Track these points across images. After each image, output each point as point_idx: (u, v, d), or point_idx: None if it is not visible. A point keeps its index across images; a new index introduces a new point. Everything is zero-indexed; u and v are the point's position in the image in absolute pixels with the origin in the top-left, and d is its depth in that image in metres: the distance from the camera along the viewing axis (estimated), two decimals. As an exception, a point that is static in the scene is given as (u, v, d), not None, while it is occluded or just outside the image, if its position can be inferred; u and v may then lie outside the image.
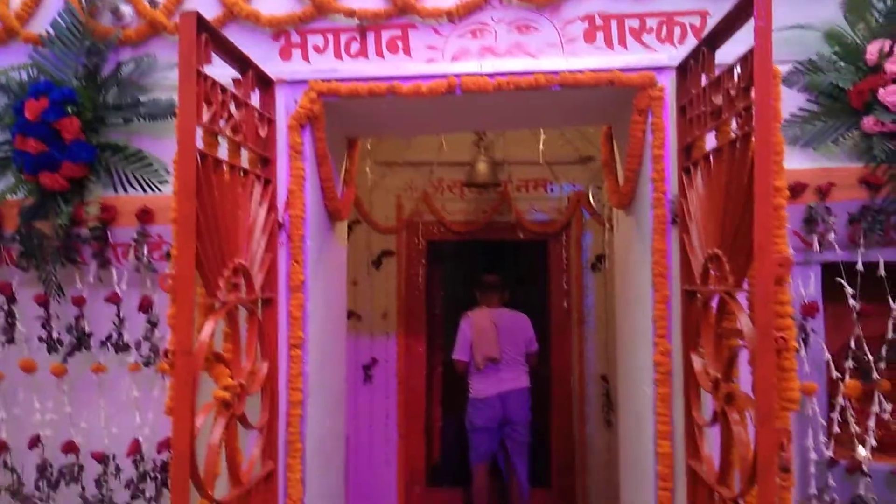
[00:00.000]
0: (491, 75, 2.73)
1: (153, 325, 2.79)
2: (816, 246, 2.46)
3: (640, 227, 2.90)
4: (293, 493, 2.68)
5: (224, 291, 2.21)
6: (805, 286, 2.44)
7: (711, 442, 2.26)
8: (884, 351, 2.41)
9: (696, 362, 2.32)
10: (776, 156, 1.92)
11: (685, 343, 2.47)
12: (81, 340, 2.83)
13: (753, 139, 1.89)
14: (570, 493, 4.87)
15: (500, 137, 5.01)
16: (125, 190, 2.81)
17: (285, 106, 2.83)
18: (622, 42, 2.75)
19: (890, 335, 2.41)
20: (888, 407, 2.39)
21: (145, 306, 2.79)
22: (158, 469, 2.78)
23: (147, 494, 2.77)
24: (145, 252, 2.80)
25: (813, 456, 2.38)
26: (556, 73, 2.71)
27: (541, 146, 4.55)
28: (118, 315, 2.81)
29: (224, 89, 2.24)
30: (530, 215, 4.99)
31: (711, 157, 2.28)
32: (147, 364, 2.79)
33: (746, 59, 1.97)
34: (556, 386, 5.02)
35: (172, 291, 1.99)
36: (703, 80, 2.35)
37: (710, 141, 2.32)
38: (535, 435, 4.63)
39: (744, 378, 2.09)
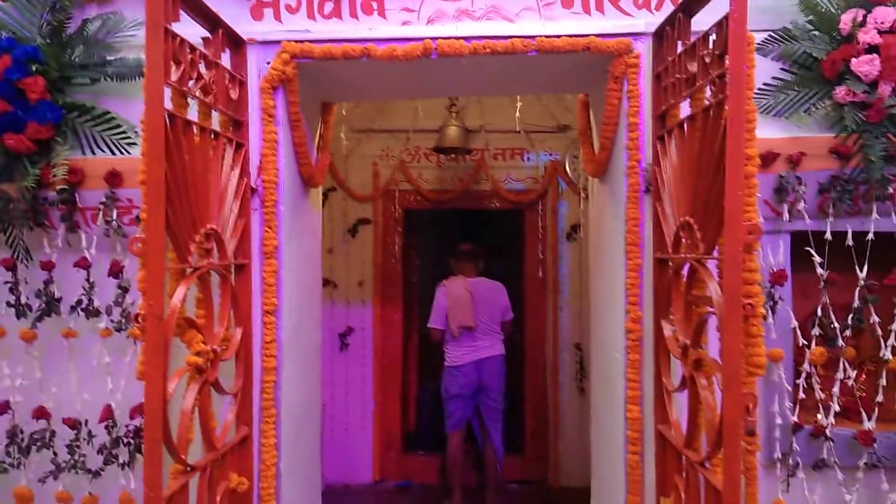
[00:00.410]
0: (467, 39, 2.70)
1: (124, 290, 2.76)
2: (786, 215, 2.49)
3: (615, 195, 2.91)
4: (267, 458, 2.69)
5: (195, 256, 2.18)
6: (774, 255, 2.47)
7: (680, 407, 2.31)
8: (849, 319, 2.46)
9: (667, 329, 2.35)
10: (748, 124, 1.93)
11: (656, 311, 2.50)
12: (51, 305, 2.79)
13: (726, 107, 1.89)
14: (543, 458, 4.95)
15: (476, 105, 4.97)
16: (93, 152, 2.75)
17: (257, 68, 2.78)
18: (599, 7, 2.73)
19: (856, 303, 2.46)
20: (853, 374, 2.45)
21: (115, 271, 2.76)
22: (131, 435, 2.77)
23: (120, 460, 2.76)
24: (114, 216, 2.75)
25: (778, 421, 2.44)
26: (532, 37, 2.69)
27: (517, 114, 4.53)
28: (88, 280, 2.77)
29: (193, 48, 2.19)
30: (506, 184, 4.98)
31: (685, 125, 2.29)
32: (119, 329, 2.76)
33: (721, 26, 1.97)
34: (530, 354, 5.08)
35: (142, 255, 1.96)
36: (679, 47, 2.35)
37: (685, 109, 2.32)
38: (509, 402, 4.68)
39: (712, 345, 2.13)
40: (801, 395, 2.45)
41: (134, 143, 2.72)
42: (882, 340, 2.44)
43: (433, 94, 4.42)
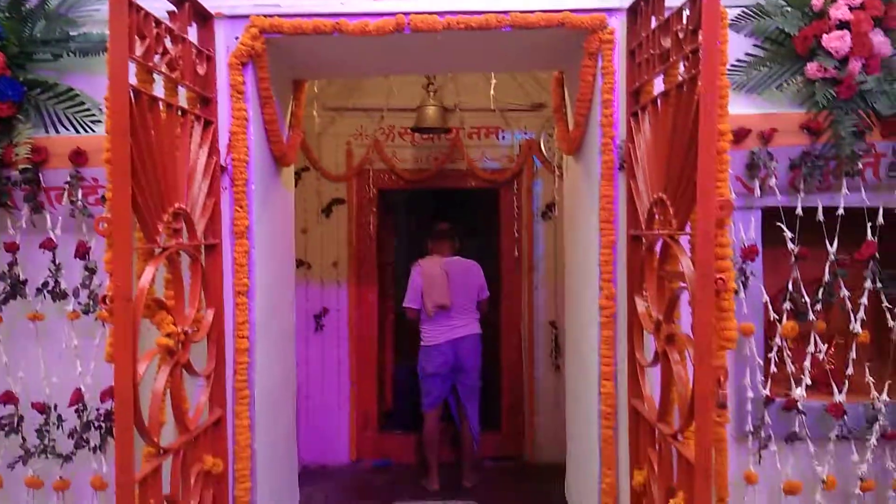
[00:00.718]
0: (440, 14, 2.67)
1: (91, 271, 2.70)
2: (758, 191, 2.51)
3: (589, 173, 2.91)
4: (241, 439, 2.67)
5: (164, 236, 2.14)
6: (746, 230, 2.49)
7: (653, 382, 2.33)
8: (820, 293, 2.50)
9: (640, 305, 2.37)
10: (721, 99, 1.93)
11: (630, 287, 2.51)
12: (16, 288, 2.72)
13: (699, 83, 1.89)
14: (519, 434, 5.00)
15: (451, 83, 4.93)
16: (56, 130, 2.68)
17: (226, 43, 2.72)
18: (574, -18, 2.70)
19: (826, 278, 2.49)
20: (823, 347, 2.49)
21: (82, 252, 2.69)
22: (102, 418, 2.73)
23: (91, 444, 2.72)
24: (80, 195, 2.68)
25: (750, 394, 2.48)
26: (507, 12, 2.66)
27: (492, 92, 4.50)
28: (54, 261, 2.70)
29: (159, 22, 2.13)
30: (482, 163, 4.96)
31: (659, 102, 2.28)
32: (87, 312, 2.71)
33: (695, 1, 1.96)
34: (506, 332, 5.10)
35: (108, 235, 1.92)
36: (653, 23, 2.34)
37: (659, 85, 2.32)
38: (485, 380, 4.70)
39: (684, 320, 2.14)
40: (773, 368, 2.49)
41: (99, 121, 2.65)
42: (852, 314, 2.48)
43: (407, 71, 4.37)
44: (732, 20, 2.57)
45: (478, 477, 4.57)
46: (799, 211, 2.50)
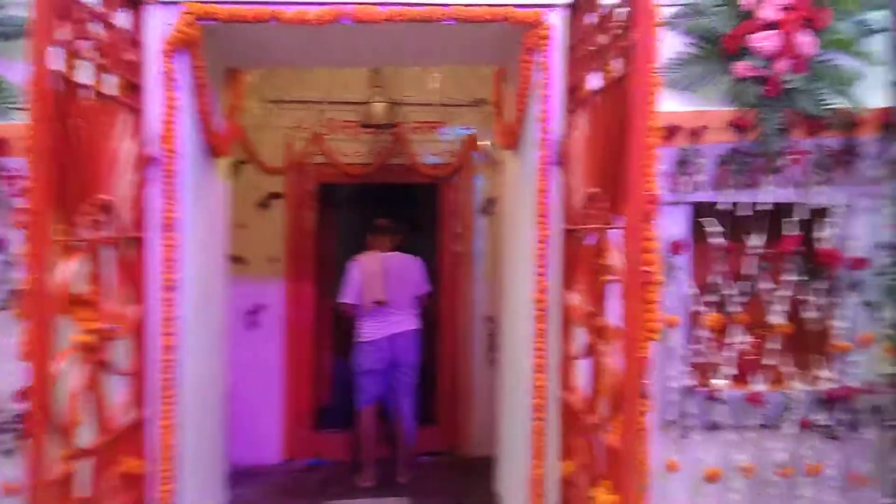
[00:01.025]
0: (382, 5, 2.63)
1: (9, 265, 2.57)
2: (688, 187, 2.56)
3: (526, 167, 2.93)
4: (166, 439, 2.58)
5: (85, 228, 2.06)
6: (675, 225, 2.55)
7: (584, 374, 2.36)
8: (744, 286, 2.57)
9: (572, 298, 2.40)
10: (650, 96, 1.96)
11: (565, 281, 2.54)
12: (-73, 282, 2.57)
13: (631, 79, 1.92)
14: (455, 429, 5.00)
15: (395, 77, 4.90)
16: (-27, 117, 2.54)
17: (159, 29, 2.63)
18: (515, -23, 2.71)
19: (750, 271, 2.57)
20: (745, 338, 2.57)
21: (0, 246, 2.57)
22: (17, 420, 2.60)
23: (4, 447, 2.60)
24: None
25: (674, 384, 2.53)
26: (449, 6, 2.65)
27: (437, 85, 4.49)
28: (-30, 255, 2.57)
29: (85, 6, 2.05)
30: (424, 158, 4.95)
31: (594, 98, 2.31)
32: (3, 308, 2.58)
33: (628, -1, 1.99)
34: (444, 327, 5.10)
35: (26, 227, 1.84)
36: (591, 19, 2.37)
37: (597, 81, 2.35)
38: (424, 375, 4.69)
39: (614, 312, 2.18)
40: (697, 359, 2.55)
41: (20, 108, 2.52)
42: (771, 306, 2.56)
43: (349, 64, 4.32)
44: (669, 19, 2.62)
45: (413, 472, 4.55)
46: (726, 206, 2.57)
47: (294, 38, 2.89)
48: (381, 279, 4.44)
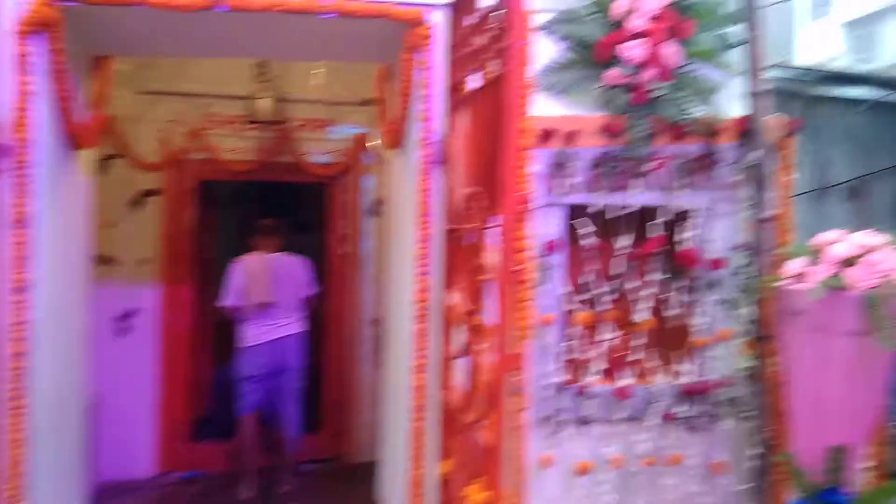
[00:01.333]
0: (260, -7, 2.54)
1: None
2: (562, 188, 2.63)
3: (409, 167, 2.92)
4: (16, 453, 2.37)
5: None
6: (550, 226, 2.61)
7: (462, 373, 2.37)
8: (613, 285, 2.67)
9: (452, 297, 2.41)
10: (522, 98, 2.00)
11: (446, 280, 2.55)
12: None
13: (505, 81, 1.95)
14: (342, 435, 4.91)
15: (282, 72, 4.76)
16: None
17: (13, 9, 2.42)
18: (398, -25, 2.70)
19: (619, 271, 2.67)
20: (615, 335, 2.66)
21: None
22: None
23: None
24: None
25: (548, 380, 2.59)
26: (330, -1, 2.60)
27: (321, 81, 4.40)
28: None
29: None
30: (311, 157, 4.84)
31: (474, 98, 2.33)
32: None
33: (503, 2, 2.01)
34: (332, 330, 5.00)
35: None
36: (471, 20, 2.39)
37: (477, 82, 2.36)
38: (310, 379, 4.58)
39: (489, 311, 2.20)
40: (570, 355, 2.63)
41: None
42: (637, 304, 2.67)
43: (228, 54, 4.14)
44: (546, 24, 2.68)
45: (296, 481, 4.41)
46: (598, 208, 2.65)
47: (166, 24, 2.74)
48: (266, 280, 4.30)
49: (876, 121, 6.43)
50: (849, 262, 2.24)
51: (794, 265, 2.35)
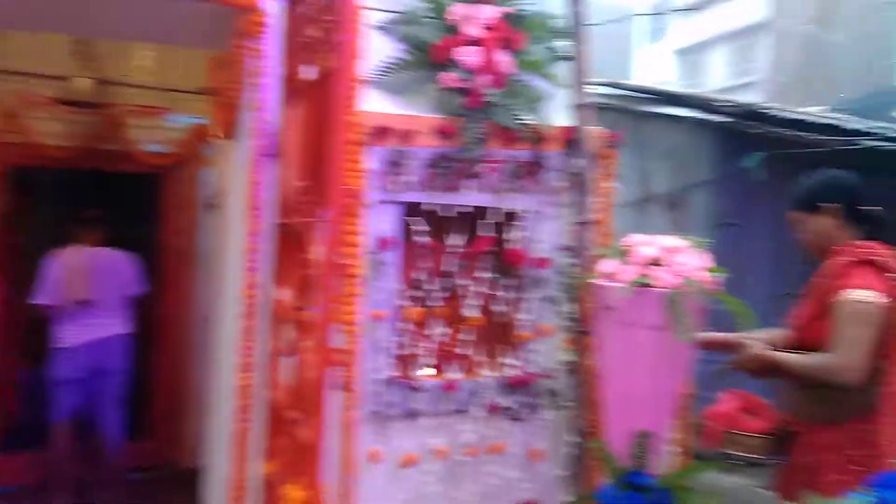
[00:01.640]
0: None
1: None
2: (398, 186, 2.65)
3: (241, 158, 2.82)
4: None
5: None
6: (384, 223, 2.62)
7: (289, 370, 2.32)
8: (445, 282, 2.74)
9: (280, 293, 2.35)
10: (352, 91, 1.99)
11: (276, 276, 2.48)
12: None
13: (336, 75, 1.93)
14: (171, 440, 4.64)
15: (114, 55, 4.41)
16: None
17: None
18: (229, -42, 2.59)
19: (451, 268, 2.74)
20: (446, 331, 2.73)
21: None
22: None
23: None
24: None
25: (378, 375, 2.60)
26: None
27: (148, 63, 4.13)
28: None
29: None
30: (144, 145, 4.53)
31: (307, 90, 2.29)
32: None
33: (333, -6, 2.00)
34: (163, 331, 4.71)
35: None
36: (305, 10, 2.34)
37: (311, 73, 2.32)
38: (137, 384, 4.28)
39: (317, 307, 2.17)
40: (401, 351, 2.65)
41: None
42: (467, 300, 2.76)
43: (41, 29, 3.78)
44: (385, 24, 2.69)
45: (118, 491, 4.10)
46: (432, 207, 2.71)
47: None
48: (86, 276, 3.96)
49: (694, 139, 7.09)
50: (655, 263, 2.43)
51: (607, 265, 2.51)
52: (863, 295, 2.39)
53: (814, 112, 8.27)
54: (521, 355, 2.82)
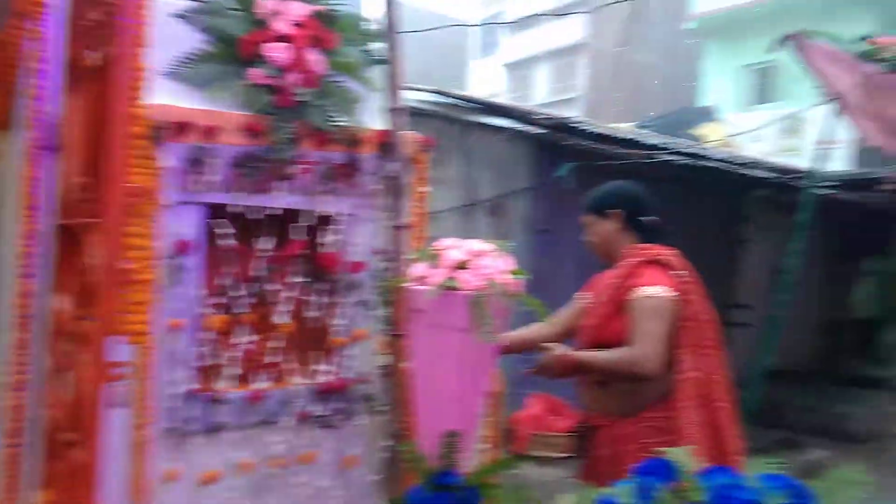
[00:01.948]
0: None
1: None
2: (199, 186, 2.50)
3: (17, 152, 2.51)
4: None
5: None
6: (184, 225, 2.45)
7: (66, 387, 2.09)
8: (252, 288, 2.62)
9: (58, 302, 2.11)
10: (135, 81, 1.84)
11: (54, 283, 2.22)
12: None
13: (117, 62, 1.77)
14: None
15: None
16: None
17: None
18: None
19: (259, 273, 2.62)
20: (254, 339, 2.60)
21: None
22: None
23: None
24: None
25: (176, 389, 2.43)
26: None
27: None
28: None
29: None
30: None
31: (89, 78, 2.09)
32: None
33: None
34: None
35: None
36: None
37: (94, 60, 2.11)
38: None
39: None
40: (202, 362, 2.50)
41: None
42: (277, 306, 2.66)
43: None
44: (186, 12, 2.53)
45: None
46: (239, 209, 2.57)
47: None
48: None
49: (515, 148, 7.45)
50: (462, 266, 2.49)
51: (418, 269, 2.53)
52: (654, 291, 2.62)
53: (621, 128, 9.04)
54: (335, 361, 2.76)
